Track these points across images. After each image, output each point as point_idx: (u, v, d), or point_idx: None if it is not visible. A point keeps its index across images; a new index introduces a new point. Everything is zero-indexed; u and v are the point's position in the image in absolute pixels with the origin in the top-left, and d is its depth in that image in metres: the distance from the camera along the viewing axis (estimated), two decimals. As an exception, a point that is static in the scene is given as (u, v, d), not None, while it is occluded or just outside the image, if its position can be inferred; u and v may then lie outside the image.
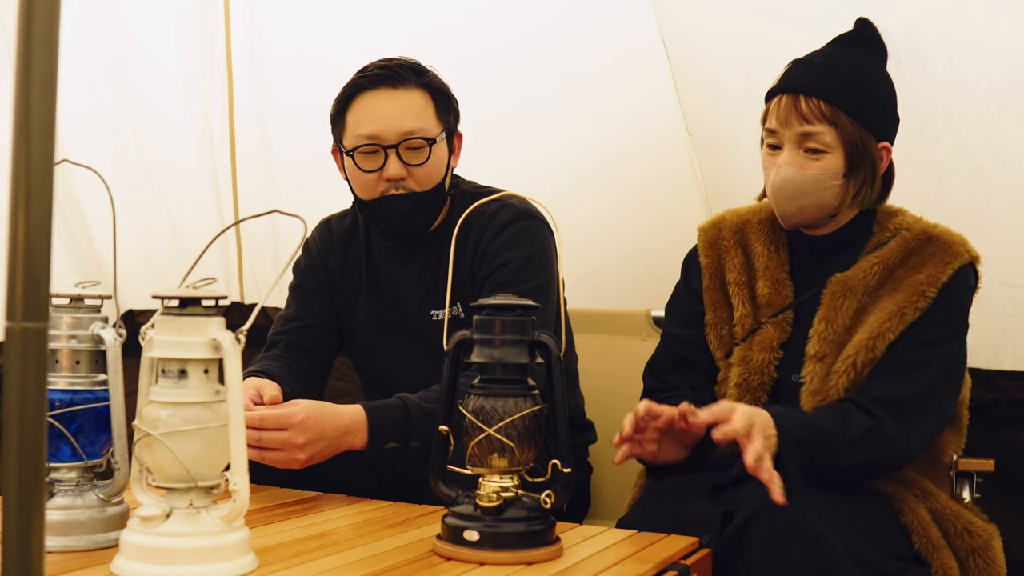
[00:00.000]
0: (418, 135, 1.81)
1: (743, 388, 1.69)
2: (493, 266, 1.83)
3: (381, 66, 1.84)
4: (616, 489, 2.14)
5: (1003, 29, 1.97)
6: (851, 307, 1.65)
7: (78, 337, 1.27)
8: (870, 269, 1.66)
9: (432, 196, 1.86)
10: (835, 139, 1.63)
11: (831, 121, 1.63)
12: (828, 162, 1.64)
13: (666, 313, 1.90)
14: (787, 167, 1.66)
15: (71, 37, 2.61)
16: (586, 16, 2.45)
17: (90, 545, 1.23)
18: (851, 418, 1.55)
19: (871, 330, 1.61)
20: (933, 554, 1.56)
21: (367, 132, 1.81)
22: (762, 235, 1.78)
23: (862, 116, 1.64)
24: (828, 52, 1.70)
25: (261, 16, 2.81)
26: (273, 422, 1.52)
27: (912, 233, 1.68)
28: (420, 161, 1.82)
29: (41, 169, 0.66)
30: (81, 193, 2.77)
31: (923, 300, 1.61)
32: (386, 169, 1.81)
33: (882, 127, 1.67)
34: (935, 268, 1.63)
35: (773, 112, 1.68)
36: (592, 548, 1.33)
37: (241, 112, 2.91)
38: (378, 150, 1.81)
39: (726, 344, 1.75)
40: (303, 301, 1.99)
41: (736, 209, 1.85)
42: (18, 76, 0.66)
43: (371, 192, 1.84)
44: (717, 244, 1.81)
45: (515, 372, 1.27)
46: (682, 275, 1.87)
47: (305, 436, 1.53)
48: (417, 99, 1.84)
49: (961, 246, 1.65)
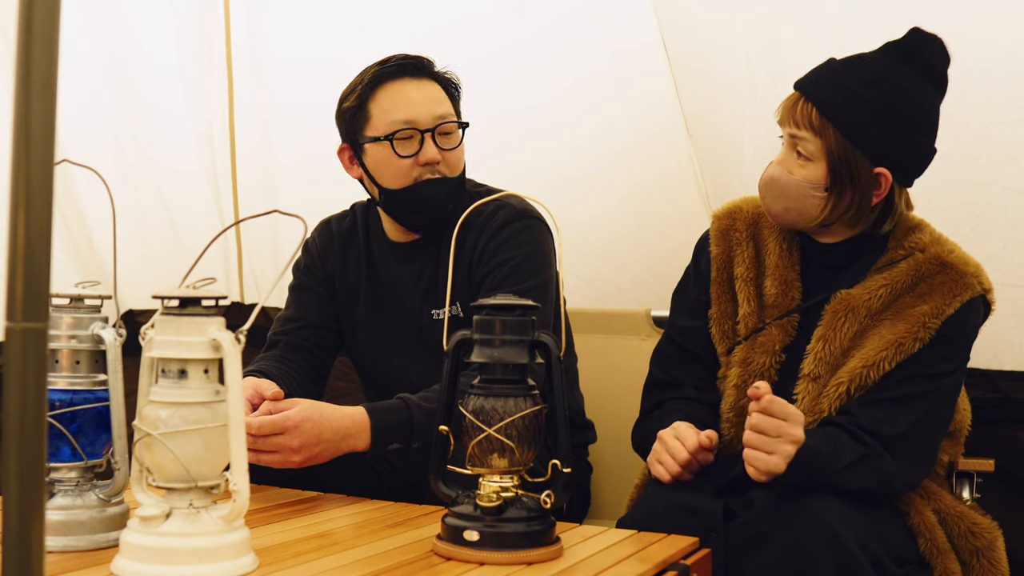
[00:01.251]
0: (450, 119, 1.84)
1: (742, 390, 1.67)
2: (491, 265, 1.83)
3: (401, 57, 1.86)
4: (616, 489, 2.14)
5: (1003, 27, 1.97)
6: (851, 329, 1.61)
7: (78, 337, 1.27)
8: (876, 291, 1.62)
9: (461, 183, 1.87)
10: (819, 149, 1.59)
11: (817, 131, 1.59)
12: (811, 171, 1.61)
13: (673, 300, 1.87)
14: (776, 166, 1.65)
15: (71, 37, 2.62)
16: (586, 18, 2.45)
17: (90, 545, 1.23)
18: (842, 443, 1.52)
19: (866, 358, 1.58)
20: (937, 558, 1.55)
21: (403, 117, 1.81)
22: (776, 231, 1.74)
23: (854, 134, 1.58)
24: (858, 59, 1.62)
25: (261, 16, 2.81)
26: (270, 429, 1.52)
27: (926, 256, 1.62)
28: (453, 145, 1.84)
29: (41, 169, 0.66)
30: (81, 193, 2.77)
31: (924, 332, 1.57)
32: (423, 153, 1.81)
33: (879, 152, 1.59)
34: (942, 299, 1.58)
35: (781, 107, 1.66)
36: (592, 548, 1.33)
37: (241, 112, 2.91)
38: (413, 135, 1.81)
39: (728, 339, 1.73)
40: (303, 302, 1.99)
41: (753, 198, 1.79)
42: (18, 76, 0.66)
43: (405, 179, 1.83)
44: (729, 235, 1.77)
45: (515, 372, 1.27)
46: (693, 258, 1.84)
47: (300, 439, 1.53)
48: (437, 88, 1.87)
49: (974, 277, 1.60)
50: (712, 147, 2.39)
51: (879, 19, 2.04)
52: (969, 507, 1.67)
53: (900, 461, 1.55)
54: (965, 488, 1.78)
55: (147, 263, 2.91)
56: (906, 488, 1.60)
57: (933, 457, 1.64)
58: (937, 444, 1.64)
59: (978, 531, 1.61)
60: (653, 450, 1.62)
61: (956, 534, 1.60)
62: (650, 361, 1.85)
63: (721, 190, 2.37)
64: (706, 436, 1.57)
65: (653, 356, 1.85)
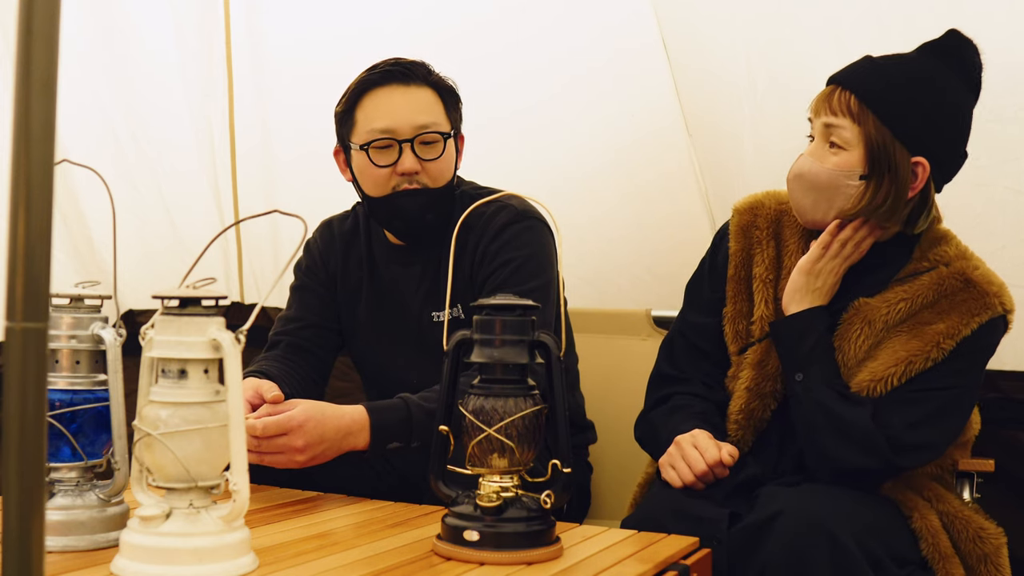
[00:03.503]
0: (432, 129, 1.82)
1: (754, 393, 1.67)
2: (493, 267, 1.83)
3: (391, 63, 1.84)
4: (616, 489, 2.14)
5: (1001, 26, 1.96)
6: (866, 342, 1.60)
7: (78, 337, 1.27)
8: (895, 304, 1.59)
9: (444, 194, 1.86)
10: (856, 136, 1.57)
11: (855, 117, 1.56)
12: (845, 158, 1.58)
13: (686, 293, 1.84)
14: (807, 157, 1.62)
15: (71, 37, 2.62)
16: (586, 17, 2.45)
17: (90, 545, 1.23)
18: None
19: (875, 372, 1.57)
20: (940, 563, 1.54)
21: (381, 126, 1.80)
22: (798, 231, 1.71)
23: (894, 122, 1.56)
24: (896, 56, 1.61)
25: (261, 16, 2.81)
26: (275, 429, 1.52)
27: (950, 271, 1.60)
28: (434, 156, 1.82)
29: (41, 169, 0.66)
30: (81, 193, 2.77)
31: (937, 351, 1.55)
32: (400, 163, 1.80)
33: (919, 141, 1.56)
34: (959, 319, 1.56)
35: (814, 100, 1.64)
36: (592, 548, 1.33)
37: (241, 112, 2.91)
38: (392, 144, 1.80)
39: (741, 339, 1.71)
40: (304, 302, 1.99)
41: (776, 193, 1.75)
42: (18, 76, 0.66)
43: (383, 188, 1.83)
44: (750, 232, 1.73)
45: (515, 372, 1.27)
46: (710, 250, 1.81)
47: (304, 439, 1.53)
48: (428, 95, 1.84)
49: (996, 297, 1.57)
50: (712, 147, 2.39)
51: (879, 19, 2.04)
52: (975, 511, 1.65)
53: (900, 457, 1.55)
54: (966, 488, 1.78)
55: (147, 263, 2.91)
56: (877, 453, 1.54)
57: (924, 456, 1.61)
58: (933, 445, 1.62)
59: (985, 536, 1.59)
60: (668, 453, 1.61)
61: (963, 538, 1.58)
62: (658, 353, 1.83)
63: (721, 190, 2.37)
64: (728, 453, 1.55)
65: (661, 348, 1.83)
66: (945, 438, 1.63)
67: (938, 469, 1.69)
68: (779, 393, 1.67)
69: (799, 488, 1.53)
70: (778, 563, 1.40)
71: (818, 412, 1.57)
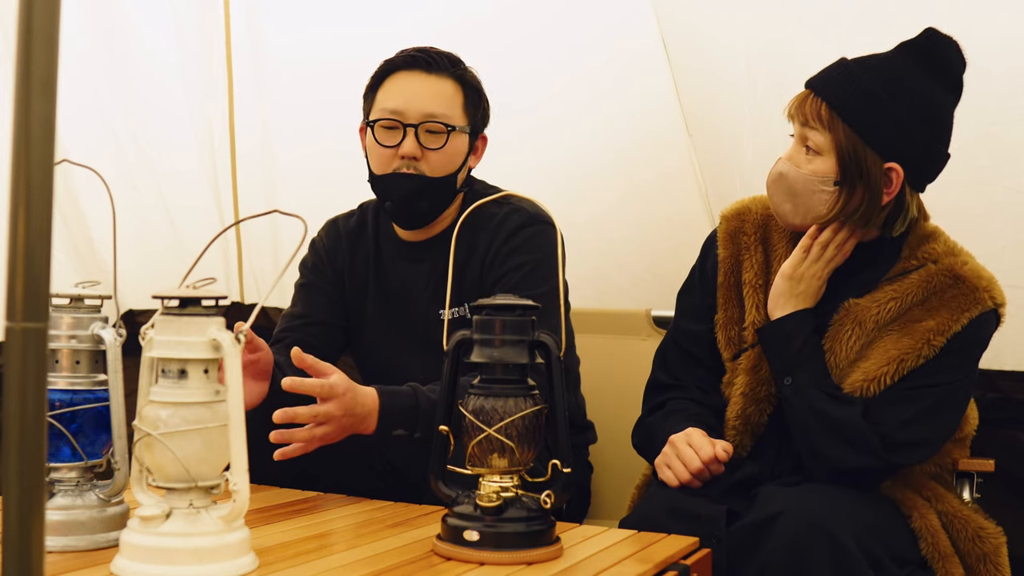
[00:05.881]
0: (439, 119, 1.84)
1: (749, 398, 1.67)
2: (503, 270, 1.84)
3: (419, 50, 1.87)
4: (616, 489, 2.14)
5: (1003, 26, 1.96)
6: (857, 342, 1.60)
7: (78, 337, 1.27)
8: (885, 303, 1.60)
9: (441, 185, 1.86)
10: (828, 144, 1.58)
11: (826, 125, 1.58)
12: (819, 165, 1.59)
13: (678, 301, 1.84)
14: (785, 162, 1.64)
15: (71, 37, 2.61)
16: (586, 17, 2.45)
17: (90, 545, 1.23)
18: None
19: (868, 372, 1.57)
20: (939, 563, 1.55)
21: (391, 107, 1.84)
22: (785, 235, 1.71)
23: (864, 130, 1.56)
24: (870, 59, 1.61)
25: (261, 16, 2.81)
26: (328, 392, 1.52)
27: (938, 267, 1.60)
28: (436, 146, 1.84)
29: (41, 169, 0.66)
30: (81, 193, 2.77)
31: (928, 348, 1.56)
32: (402, 146, 1.83)
33: (891, 148, 1.57)
34: (949, 315, 1.56)
35: (789, 103, 1.64)
36: (592, 548, 1.33)
37: (241, 112, 2.91)
38: (398, 126, 1.83)
39: (734, 345, 1.71)
40: (310, 299, 1.99)
41: (763, 198, 1.75)
42: (18, 76, 0.66)
43: (384, 167, 1.85)
44: (738, 238, 1.74)
45: (515, 372, 1.27)
46: (699, 258, 1.82)
47: (343, 409, 1.54)
48: (448, 87, 1.87)
49: (986, 292, 1.58)
50: (712, 147, 2.39)
51: (879, 18, 2.04)
52: (974, 510, 1.66)
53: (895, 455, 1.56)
54: (965, 488, 1.78)
55: (147, 263, 2.91)
56: (871, 452, 1.55)
57: (919, 452, 1.61)
58: (928, 442, 1.62)
59: (985, 536, 1.60)
60: (663, 453, 1.61)
61: (963, 538, 1.58)
62: (653, 362, 1.84)
63: (721, 190, 2.37)
64: (723, 449, 1.56)
65: (656, 357, 1.84)
66: (940, 434, 1.63)
67: (937, 468, 1.69)
68: (774, 397, 1.67)
69: (799, 488, 1.53)
70: (778, 563, 1.40)
71: (809, 414, 1.58)
